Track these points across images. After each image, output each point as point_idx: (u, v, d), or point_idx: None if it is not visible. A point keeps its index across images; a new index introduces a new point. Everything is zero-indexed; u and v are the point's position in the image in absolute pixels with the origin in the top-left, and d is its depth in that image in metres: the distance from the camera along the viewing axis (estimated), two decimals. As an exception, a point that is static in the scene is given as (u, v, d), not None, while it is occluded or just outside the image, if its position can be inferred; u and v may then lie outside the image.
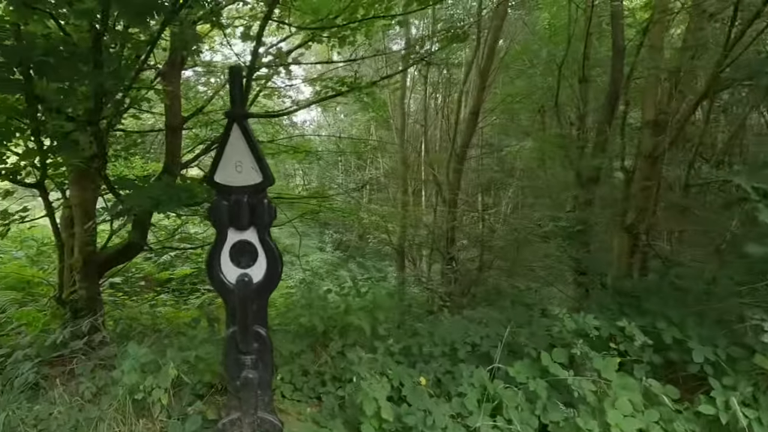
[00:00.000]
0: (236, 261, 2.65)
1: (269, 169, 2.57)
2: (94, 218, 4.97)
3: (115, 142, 4.22)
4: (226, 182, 2.55)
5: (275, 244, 2.65)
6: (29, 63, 2.32)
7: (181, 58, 4.85)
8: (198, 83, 6.46)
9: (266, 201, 2.57)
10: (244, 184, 2.55)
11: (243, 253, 2.63)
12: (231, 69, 2.48)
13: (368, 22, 3.97)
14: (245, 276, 2.64)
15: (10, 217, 3.50)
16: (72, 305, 4.94)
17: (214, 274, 2.68)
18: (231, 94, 2.49)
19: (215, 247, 2.64)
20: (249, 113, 2.54)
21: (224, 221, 2.58)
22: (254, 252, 2.62)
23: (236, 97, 2.49)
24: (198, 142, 5.67)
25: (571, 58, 6.46)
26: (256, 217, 2.57)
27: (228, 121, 2.50)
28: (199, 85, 7.06)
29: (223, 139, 2.53)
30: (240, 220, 2.58)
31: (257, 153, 2.54)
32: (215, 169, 2.55)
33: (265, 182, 2.55)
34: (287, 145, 6.64)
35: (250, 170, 2.55)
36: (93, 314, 5.03)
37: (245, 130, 2.51)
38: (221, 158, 2.55)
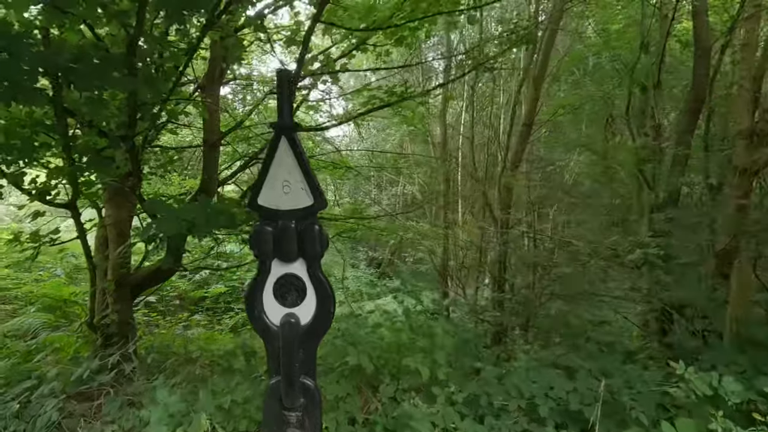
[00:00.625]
0: (281, 298, 2.23)
1: (321, 191, 2.17)
2: (129, 238, 4.73)
3: (152, 158, 3.99)
4: (271, 205, 2.17)
5: (327, 279, 2.23)
6: (56, 70, 2.05)
7: (221, 71, 4.63)
8: (236, 100, 6.29)
9: (317, 227, 2.16)
10: (292, 208, 2.15)
11: (289, 289, 2.22)
12: (279, 73, 2.12)
13: (430, 20, 3.59)
14: (291, 317, 2.21)
15: (40, 239, 3.27)
16: (103, 330, 4.71)
17: (255, 313, 2.27)
18: (278, 102, 2.13)
19: (256, 282, 2.24)
20: (299, 125, 2.15)
21: (268, 251, 2.18)
22: (302, 288, 2.20)
23: (284, 107, 2.12)
24: (236, 158, 5.42)
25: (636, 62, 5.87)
26: (306, 247, 2.16)
27: (274, 134, 2.12)
28: (236, 102, 6.91)
29: (268, 155, 2.15)
30: (286, 250, 2.18)
31: (307, 171, 2.14)
32: (258, 190, 2.17)
33: (317, 205, 2.14)
34: (326, 161, 6.33)
35: (299, 191, 2.16)
36: (125, 340, 4.78)
37: (294, 145, 2.13)
38: (266, 177, 2.17)
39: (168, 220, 2.42)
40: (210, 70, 4.44)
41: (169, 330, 7.16)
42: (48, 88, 2.30)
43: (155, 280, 4.97)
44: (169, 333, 6.44)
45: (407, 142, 17.59)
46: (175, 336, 6.22)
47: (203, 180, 4.60)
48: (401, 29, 3.63)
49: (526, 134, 7.14)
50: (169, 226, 2.43)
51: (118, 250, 4.27)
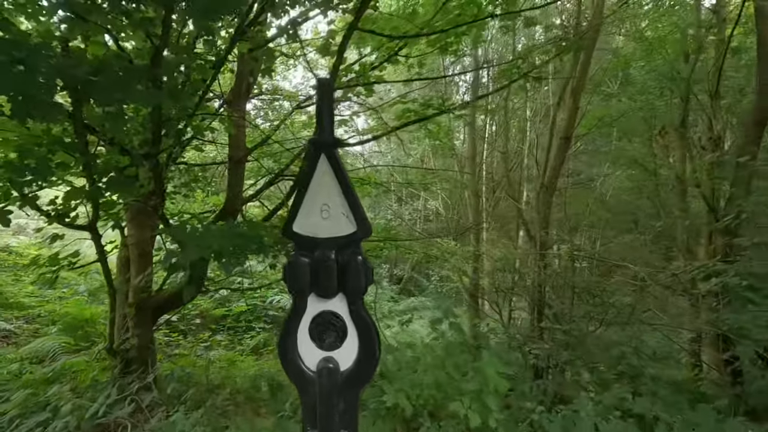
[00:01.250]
0: (318, 340, 1.93)
1: (365, 216, 1.89)
2: (151, 259, 4.55)
3: (175, 176, 3.81)
4: (307, 233, 1.89)
5: (371, 318, 1.93)
6: (75, 83, 1.85)
7: (248, 85, 4.46)
8: (259, 116, 6.15)
9: (360, 258, 1.86)
10: (332, 236, 1.87)
11: (327, 329, 1.92)
12: (319, 82, 1.86)
13: (479, 25, 3.33)
14: (330, 361, 1.90)
15: (59, 262, 3.08)
16: (123, 356, 4.50)
17: (288, 355, 1.98)
18: (318, 115, 1.85)
19: (290, 320, 1.95)
20: (341, 141, 1.87)
21: (304, 285, 1.89)
22: (343, 328, 1.90)
23: (325, 120, 1.84)
24: (261, 174, 5.23)
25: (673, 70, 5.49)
26: (347, 280, 1.87)
27: (312, 151, 1.87)
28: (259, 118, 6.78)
29: (306, 175, 1.88)
30: (325, 284, 1.89)
31: (350, 194, 1.86)
32: (294, 216, 1.89)
33: (360, 233, 1.85)
34: (355, 178, 6.10)
35: (340, 216, 1.88)
36: (144, 366, 4.55)
37: (336, 164, 1.85)
38: (302, 201, 1.90)
39: (192, 248, 2.19)
40: (237, 84, 4.29)
41: (190, 351, 6.96)
42: (67, 104, 2.12)
43: (176, 303, 4.76)
44: (189, 356, 6.22)
45: (429, 156, 17.31)
46: (196, 359, 6.00)
47: (228, 197, 4.40)
48: (446, 35, 3.37)
49: (565, 148, 6.76)
50: (191, 254, 2.20)
51: (140, 277, 4.07)
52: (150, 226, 4.38)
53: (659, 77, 6.58)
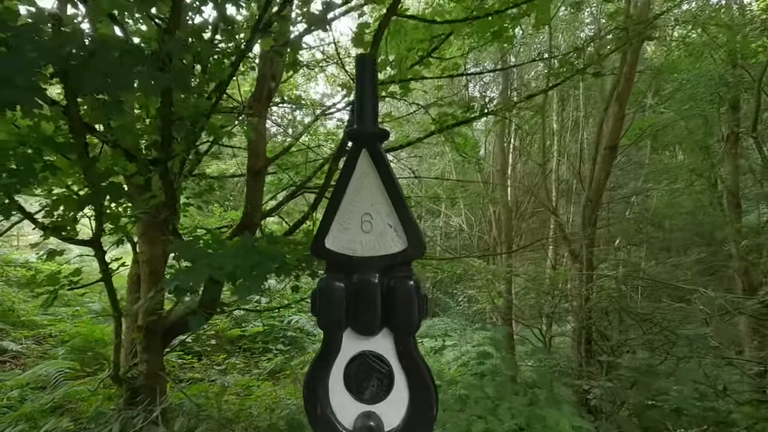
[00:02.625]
0: (356, 389, 1.50)
1: (419, 229, 1.47)
2: (164, 278, 4.20)
3: (189, 187, 3.49)
4: (343, 250, 1.48)
5: (425, 362, 1.49)
6: (65, 66, 1.53)
7: (269, 90, 4.16)
8: (282, 124, 5.87)
9: (412, 284, 1.45)
10: (375, 254, 1.47)
11: (368, 376, 1.49)
12: (360, 60, 1.49)
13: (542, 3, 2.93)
14: (371, 418, 1.47)
15: (58, 281, 2.75)
16: (130, 384, 4.13)
17: (316, 411, 1.54)
18: (358, 99, 1.48)
19: (320, 363, 1.52)
20: (385, 132, 1.46)
21: (337, 317, 1.49)
22: (388, 375, 1.46)
23: (366, 105, 1.46)
24: (282, 187, 4.90)
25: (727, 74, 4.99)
26: (394, 313, 1.46)
27: (352, 147, 1.48)
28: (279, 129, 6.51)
29: (343, 176, 1.49)
30: (364, 318, 1.48)
31: (399, 201, 1.47)
32: (327, 228, 1.50)
33: (412, 251, 1.45)
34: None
35: (386, 230, 1.47)
36: (152, 396, 4.16)
37: (381, 162, 1.46)
38: (338, 209, 1.50)
39: (201, 267, 1.83)
40: (258, 88, 4.00)
41: (204, 375, 6.58)
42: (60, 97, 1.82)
43: (188, 326, 4.39)
44: (203, 381, 5.84)
45: (451, 171, 16.87)
46: (209, 385, 5.61)
47: (246, 211, 4.07)
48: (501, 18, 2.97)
49: (610, 158, 6.26)
50: (201, 276, 1.83)
51: (150, 293, 3.72)
52: (162, 242, 4.06)
53: (710, 83, 6.07)
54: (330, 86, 12.34)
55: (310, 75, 8.49)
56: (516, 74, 9.13)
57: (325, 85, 11.22)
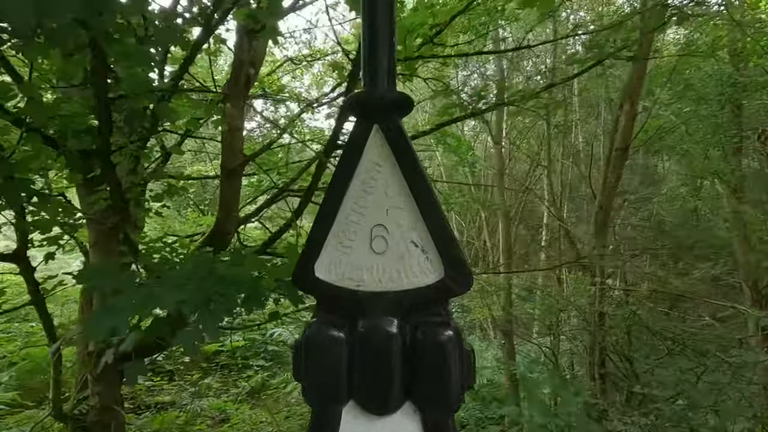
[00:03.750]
0: None
1: (460, 250, 0.96)
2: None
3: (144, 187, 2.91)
4: (344, 281, 0.99)
5: None
6: None
7: (247, 77, 3.62)
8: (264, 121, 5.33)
9: (450, 334, 0.95)
10: (393, 288, 0.97)
11: None
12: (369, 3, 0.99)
13: None
14: None
15: None
16: (78, 422, 3.50)
17: None
18: (368, 51, 0.98)
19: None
20: (409, 101, 0.94)
21: (334, 386, 0.98)
22: None
23: (381, 60, 0.97)
24: (262, 190, 4.33)
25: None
26: (423, 380, 0.95)
27: (358, 122, 0.97)
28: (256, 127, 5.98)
29: (343, 168, 0.99)
30: (377, 386, 0.98)
31: (430, 206, 0.96)
32: (317, 249, 0.99)
33: (451, 283, 0.95)
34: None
35: (411, 250, 0.97)
36: (105, 436, 3.55)
37: (402, 145, 0.96)
38: (334, 219, 0.99)
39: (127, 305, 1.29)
40: (234, 74, 3.46)
41: (174, 397, 5.93)
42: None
43: (150, 351, 3.78)
44: (173, 407, 5.20)
45: (441, 175, 16.45)
46: (179, 413, 4.97)
47: (219, 217, 3.51)
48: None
49: (621, 160, 5.87)
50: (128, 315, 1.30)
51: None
52: (118, 253, 3.45)
53: (719, 82, 5.77)
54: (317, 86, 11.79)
55: (294, 71, 7.96)
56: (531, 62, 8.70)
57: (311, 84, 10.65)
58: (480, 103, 3.12)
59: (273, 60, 6.09)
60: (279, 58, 5.86)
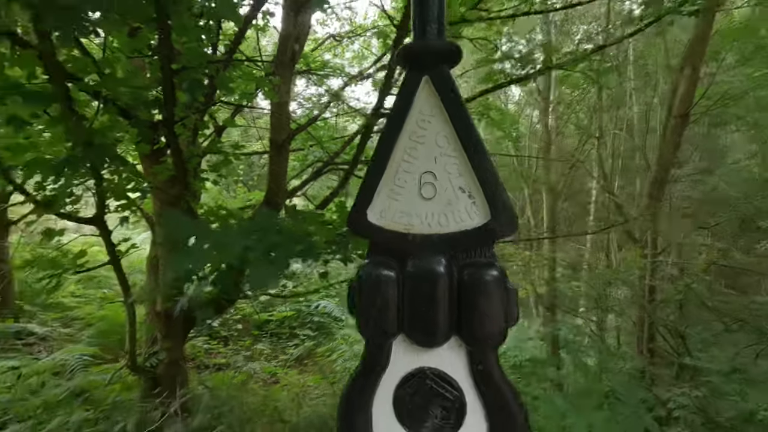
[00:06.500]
0: (411, 420, 1.08)
1: (506, 195, 1.00)
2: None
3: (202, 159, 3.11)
4: (395, 225, 1.06)
5: (514, 388, 1.04)
6: None
7: (293, 52, 3.72)
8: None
9: (496, 274, 1.00)
10: (442, 231, 1.04)
11: (429, 403, 1.07)
12: None
13: None
14: None
15: (62, 265, 2.44)
16: (148, 373, 3.88)
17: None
18: (417, 8, 1.02)
19: (359, 383, 1.10)
20: (458, 50, 0.98)
21: (385, 320, 1.06)
22: (458, 403, 1.04)
23: (431, 10, 1.01)
24: (307, 164, 4.48)
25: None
26: (471, 315, 1.02)
27: (408, 73, 1.02)
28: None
29: (394, 118, 1.05)
30: (426, 321, 1.05)
31: (478, 151, 1.01)
32: (370, 195, 1.07)
33: (497, 225, 1.00)
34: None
35: (459, 196, 1.03)
36: (172, 387, 3.90)
37: (451, 95, 1.00)
38: (385, 166, 1.06)
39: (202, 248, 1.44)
40: (280, 50, 3.56)
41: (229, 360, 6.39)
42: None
43: (210, 313, 4.09)
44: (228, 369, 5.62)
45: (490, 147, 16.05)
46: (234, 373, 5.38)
47: (269, 189, 3.68)
48: None
49: (680, 128, 5.50)
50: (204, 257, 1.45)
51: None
52: (181, 222, 3.72)
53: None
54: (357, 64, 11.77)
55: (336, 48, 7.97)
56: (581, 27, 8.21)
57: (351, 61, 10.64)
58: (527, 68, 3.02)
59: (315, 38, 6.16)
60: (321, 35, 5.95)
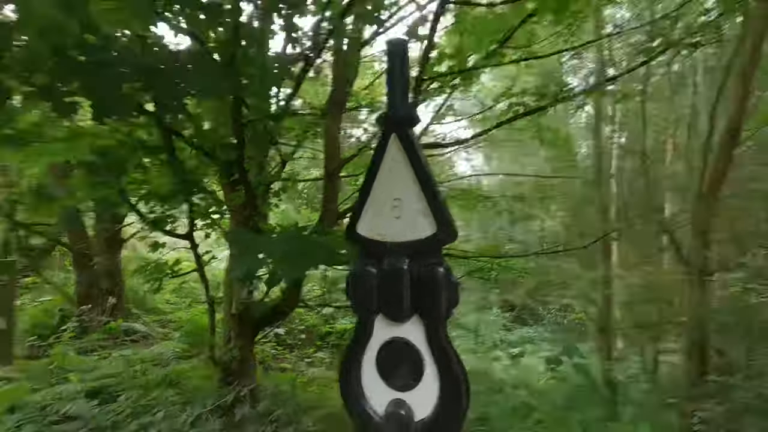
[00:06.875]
0: (387, 375, 1.50)
1: (449, 214, 1.42)
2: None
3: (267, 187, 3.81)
4: (374, 236, 1.50)
5: (456, 351, 1.43)
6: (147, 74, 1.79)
7: (343, 94, 4.35)
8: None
9: (442, 271, 1.41)
10: (404, 239, 1.46)
11: (399, 363, 1.48)
12: (389, 44, 1.49)
13: None
14: (401, 406, 1.45)
15: (163, 271, 3.20)
16: (224, 366, 4.60)
17: (350, 392, 1.57)
18: (389, 85, 1.49)
19: (353, 348, 1.54)
20: (415, 116, 1.44)
21: (368, 303, 1.50)
22: (418, 362, 1.44)
23: (396, 91, 1.46)
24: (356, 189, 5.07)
25: None
26: (424, 299, 1.42)
27: (382, 131, 1.49)
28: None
29: (373, 162, 1.51)
30: (395, 303, 1.47)
31: (429, 185, 1.44)
32: (359, 214, 1.53)
33: (442, 235, 1.40)
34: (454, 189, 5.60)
35: (416, 215, 1.45)
36: (242, 379, 4.59)
37: (410, 147, 1.45)
38: (368, 195, 1.52)
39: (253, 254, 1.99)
40: (333, 93, 4.20)
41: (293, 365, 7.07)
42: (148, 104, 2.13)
43: (274, 318, 4.77)
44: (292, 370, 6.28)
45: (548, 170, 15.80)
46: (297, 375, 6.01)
47: (323, 211, 4.29)
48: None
49: (730, 145, 5.29)
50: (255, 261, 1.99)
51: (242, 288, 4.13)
52: (251, 237, 4.45)
53: None
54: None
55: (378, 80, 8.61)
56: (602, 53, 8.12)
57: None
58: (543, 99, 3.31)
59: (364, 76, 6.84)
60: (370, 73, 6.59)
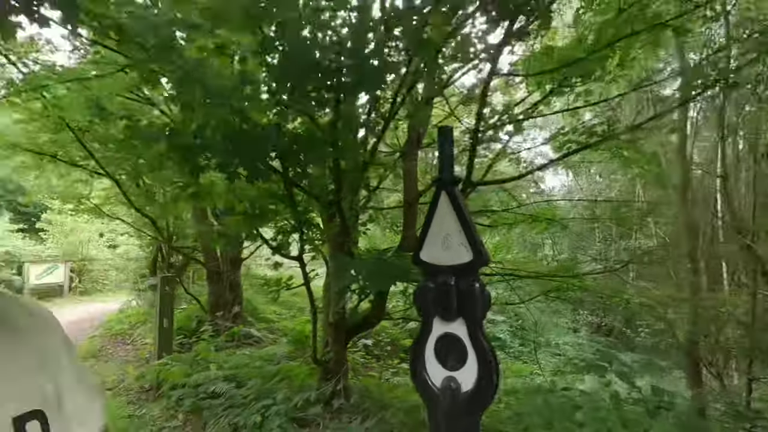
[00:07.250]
0: (442, 359, 2.13)
1: (483, 246, 2.03)
2: (346, 287, 5.49)
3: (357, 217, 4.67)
4: (432, 260, 2.16)
5: (490, 344, 2.01)
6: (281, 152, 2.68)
7: (418, 137, 5.08)
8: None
9: (478, 286, 2.02)
10: (451, 263, 2.10)
11: (450, 350, 2.11)
12: (439, 130, 2.18)
13: None
14: (452, 381, 2.07)
15: (280, 284, 4.16)
16: (324, 365, 5.46)
17: (417, 371, 2.23)
18: (439, 157, 2.17)
19: (419, 339, 2.21)
20: (458, 178, 2.12)
21: (429, 308, 2.16)
22: (463, 350, 2.05)
23: (445, 161, 2.14)
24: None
25: None
26: (465, 306, 2.04)
27: (435, 189, 2.16)
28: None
29: (431, 210, 2.18)
30: (446, 308, 2.10)
31: (468, 226, 2.07)
32: (422, 245, 2.21)
33: (477, 262, 2.01)
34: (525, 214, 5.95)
35: (459, 246, 2.08)
36: (337, 377, 5.40)
37: (454, 199, 2.10)
38: (428, 232, 2.19)
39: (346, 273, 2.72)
40: (409, 136, 4.95)
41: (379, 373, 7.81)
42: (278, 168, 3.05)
43: (364, 327, 5.53)
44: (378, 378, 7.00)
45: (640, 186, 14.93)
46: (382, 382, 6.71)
47: (403, 236, 5.00)
48: None
49: None
50: (348, 279, 2.73)
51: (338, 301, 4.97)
52: (345, 258, 5.31)
53: None
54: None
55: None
56: None
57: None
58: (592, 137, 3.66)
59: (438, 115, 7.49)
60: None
